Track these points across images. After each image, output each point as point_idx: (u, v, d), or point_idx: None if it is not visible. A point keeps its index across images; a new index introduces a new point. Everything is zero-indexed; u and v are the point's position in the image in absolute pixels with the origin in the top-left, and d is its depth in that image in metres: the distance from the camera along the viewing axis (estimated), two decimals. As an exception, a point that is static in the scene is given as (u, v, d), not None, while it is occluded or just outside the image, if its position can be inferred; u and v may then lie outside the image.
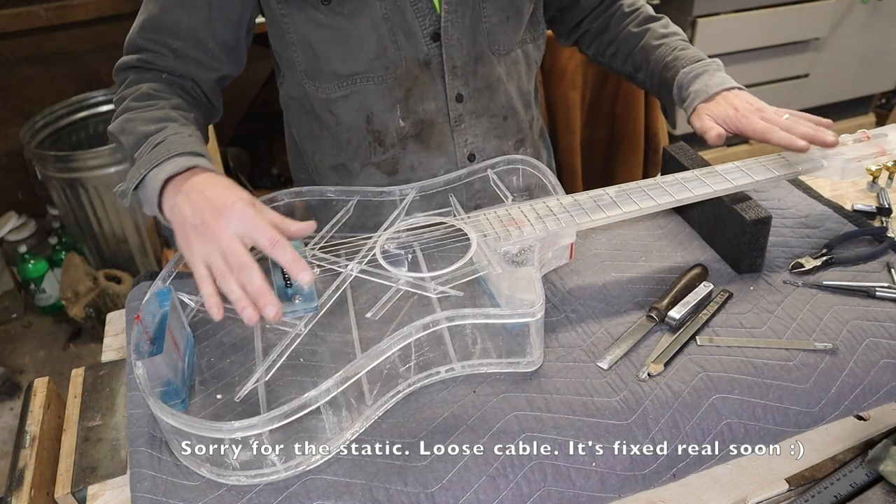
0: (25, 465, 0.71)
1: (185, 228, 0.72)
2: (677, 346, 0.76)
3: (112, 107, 2.61)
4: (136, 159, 0.81)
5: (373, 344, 0.67)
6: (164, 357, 0.67)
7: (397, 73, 0.92)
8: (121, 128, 0.85)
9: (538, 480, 0.65)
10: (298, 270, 0.67)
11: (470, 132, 0.99)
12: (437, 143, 0.98)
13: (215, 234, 0.70)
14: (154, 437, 0.69)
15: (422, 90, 0.94)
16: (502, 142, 1.03)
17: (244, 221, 0.70)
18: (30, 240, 2.44)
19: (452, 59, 0.93)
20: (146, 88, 0.87)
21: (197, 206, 0.72)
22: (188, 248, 0.72)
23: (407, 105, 0.95)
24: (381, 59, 0.91)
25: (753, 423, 0.70)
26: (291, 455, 0.65)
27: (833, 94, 2.75)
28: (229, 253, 0.69)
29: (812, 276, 0.85)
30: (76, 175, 2.18)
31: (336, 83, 0.93)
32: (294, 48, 0.92)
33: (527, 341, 0.72)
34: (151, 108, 0.86)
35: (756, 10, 2.38)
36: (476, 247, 0.80)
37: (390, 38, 0.90)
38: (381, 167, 1.00)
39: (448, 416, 0.69)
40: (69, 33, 2.45)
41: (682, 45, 1.00)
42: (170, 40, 0.88)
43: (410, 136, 0.97)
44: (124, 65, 0.91)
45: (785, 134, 0.86)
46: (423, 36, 0.90)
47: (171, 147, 0.78)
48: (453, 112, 0.96)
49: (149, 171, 0.77)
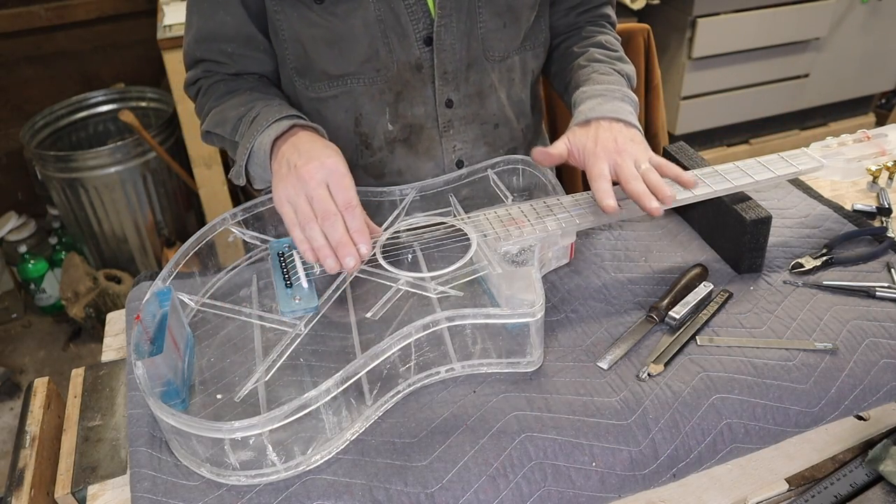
0: (25, 465, 0.71)
1: (281, 171, 0.78)
2: (677, 346, 0.76)
3: (112, 107, 2.60)
4: (237, 141, 0.87)
5: (373, 344, 0.67)
6: (164, 357, 0.67)
7: (388, 75, 0.91)
8: (214, 122, 0.92)
9: (538, 480, 0.65)
10: (360, 241, 0.73)
11: (459, 138, 0.98)
12: (425, 149, 0.97)
13: (304, 176, 0.75)
14: (154, 437, 0.69)
15: (412, 94, 0.93)
16: (492, 149, 1.01)
17: (333, 173, 0.75)
18: (30, 240, 2.44)
19: (444, 65, 0.92)
20: (222, 88, 0.93)
21: (296, 151, 0.78)
22: (277, 189, 0.77)
23: (396, 109, 0.94)
24: (373, 61, 0.90)
25: (753, 423, 0.70)
26: (291, 455, 0.65)
27: (833, 94, 2.75)
28: (315, 199, 0.73)
29: (812, 276, 0.85)
30: (76, 175, 2.18)
31: (326, 83, 0.93)
32: (285, 45, 0.92)
33: (527, 341, 0.72)
34: (234, 96, 0.92)
35: (756, 10, 2.38)
36: (476, 247, 0.80)
37: (382, 40, 0.89)
38: (369, 170, 0.99)
39: (448, 416, 0.69)
40: (69, 33, 2.45)
41: (606, 70, 0.95)
42: (223, 45, 0.92)
43: (398, 140, 0.96)
44: (191, 79, 0.96)
45: (606, 185, 0.79)
46: (416, 39, 0.89)
47: (268, 116, 0.84)
48: (442, 117, 0.95)
49: (255, 142, 0.83)
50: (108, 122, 2.47)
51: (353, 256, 0.72)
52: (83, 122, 2.45)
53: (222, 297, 0.84)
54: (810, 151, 0.91)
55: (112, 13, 2.46)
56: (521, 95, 1.02)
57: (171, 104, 2.21)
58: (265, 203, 0.87)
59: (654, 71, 1.39)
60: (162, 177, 2.32)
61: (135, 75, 2.60)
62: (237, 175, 0.87)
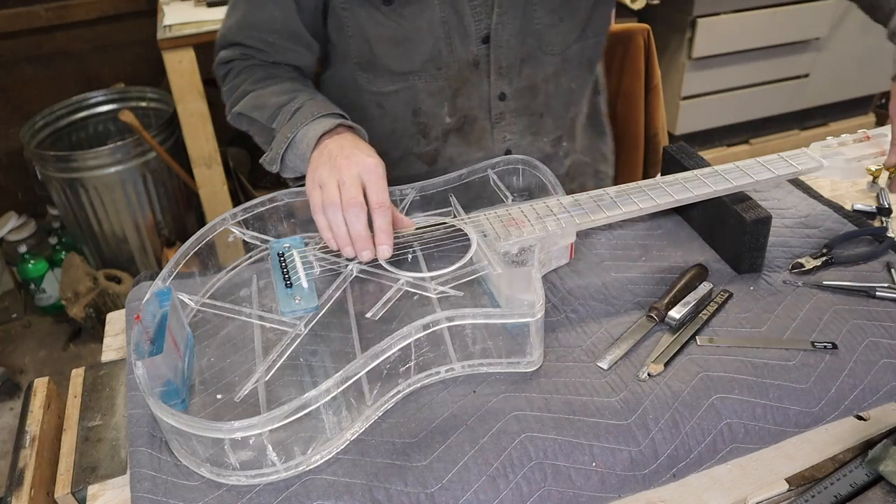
0: (25, 465, 0.71)
1: (320, 159, 0.80)
2: (677, 346, 0.76)
3: (112, 107, 2.60)
4: (274, 129, 0.89)
5: (373, 344, 0.67)
6: (164, 357, 0.67)
7: (449, 73, 0.95)
8: (251, 105, 0.92)
9: (538, 480, 0.65)
10: (382, 241, 0.75)
11: (508, 129, 1.01)
12: (476, 138, 1.01)
13: (340, 167, 0.77)
14: (154, 437, 0.69)
15: (469, 89, 0.97)
16: (537, 138, 1.04)
17: (370, 173, 0.76)
18: (30, 240, 2.44)
19: (499, 61, 0.95)
20: (261, 73, 0.94)
21: (339, 148, 0.80)
22: (310, 174, 0.79)
23: (454, 103, 0.98)
24: (435, 60, 0.94)
25: (753, 423, 0.70)
26: (291, 455, 0.65)
27: (833, 94, 2.75)
28: (346, 184, 0.75)
29: (812, 276, 0.85)
30: (76, 175, 2.18)
31: (389, 79, 0.96)
32: (350, 41, 0.95)
33: (527, 341, 0.72)
34: (274, 82, 0.93)
35: (756, 10, 2.38)
36: (476, 247, 0.80)
37: (445, 40, 0.92)
38: (422, 157, 1.03)
39: (448, 416, 0.69)
40: (69, 33, 2.45)
41: None
42: (265, 35, 0.94)
43: (453, 130, 1.00)
44: (225, 59, 0.97)
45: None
46: (475, 38, 0.92)
47: (312, 110, 0.85)
48: (495, 109, 0.99)
49: (297, 132, 0.85)
50: (108, 122, 2.47)
51: (371, 251, 0.74)
52: (83, 122, 2.45)
53: (222, 297, 0.84)
54: (810, 151, 0.91)
55: (112, 13, 2.46)
56: (573, 85, 1.04)
57: (171, 104, 2.20)
58: (265, 203, 0.87)
59: (654, 71, 1.39)
60: (162, 177, 2.32)
61: (135, 75, 2.60)
62: (272, 161, 0.89)
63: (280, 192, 0.89)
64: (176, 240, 2.42)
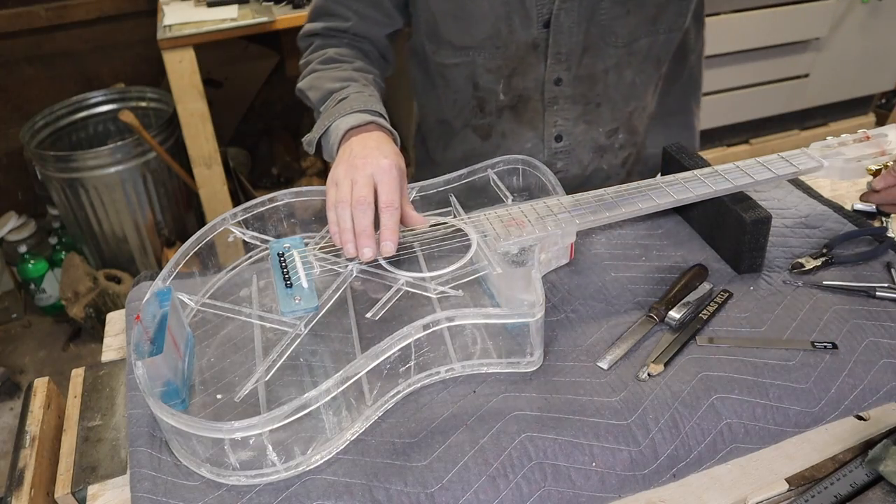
0: (25, 465, 0.71)
1: (343, 156, 0.83)
2: (677, 346, 0.76)
3: (112, 107, 2.61)
4: (321, 112, 0.93)
5: (373, 344, 0.67)
6: (164, 357, 0.67)
7: (506, 53, 0.98)
8: (309, 84, 0.98)
9: (538, 480, 0.65)
10: (386, 239, 0.76)
11: (561, 115, 1.03)
12: (528, 119, 1.04)
13: (356, 166, 0.79)
14: (154, 437, 0.69)
15: (525, 69, 0.99)
16: (591, 128, 1.05)
17: (383, 174, 0.78)
18: (30, 240, 2.44)
19: (558, 45, 0.96)
20: (331, 53, 1.00)
21: (362, 145, 0.83)
22: (332, 171, 0.82)
23: (510, 82, 1.01)
24: (494, 39, 0.97)
25: (753, 423, 0.70)
26: (291, 455, 0.65)
27: (833, 94, 2.75)
28: (358, 183, 0.77)
29: (812, 276, 0.85)
30: (76, 175, 2.18)
31: (450, 51, 1.00)
32: (420, 12, 1.00)
33: (527, 341, 0.72)
34: (337, 68, 0.98)
35: (756, 10, 2.38)
36: (476, 247, 0.80)
37: (505, 20, 0.94)
38: (478, 130, 1.07)
39: (448, 416, 0.69)
40: (69, 33, 2.45)
41: None
42: (352, 3, 1.00)
43: (507, 107, 1.03)
44: (310, 31, 1.03)
45: None
46: (536, 21, 0.94)
47: (353, 104, 0.89)
48: (548, 93, 1.01)
49: (333, 122, 0.89)
50: (108, 122, 2.47)
51: (372, 249, 0.76)
52: (83, 122, 2.45)
53: (222, 297, 0.84)
54: (810, 151, 0.91)
55: (112, 13, 2.46)
56: (637, 79, 1.04)
57: (171, 104, 2.20)
58: (265, 203, 0.87)
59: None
60: (162, 177, 2.32)
61: (135, 75, 2.60)
62: (309, 143, 0.93)
63: (280, 192, 0.89)
64: (176, 240, 2.42)
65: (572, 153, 1.08)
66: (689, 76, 1.15)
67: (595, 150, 1.07)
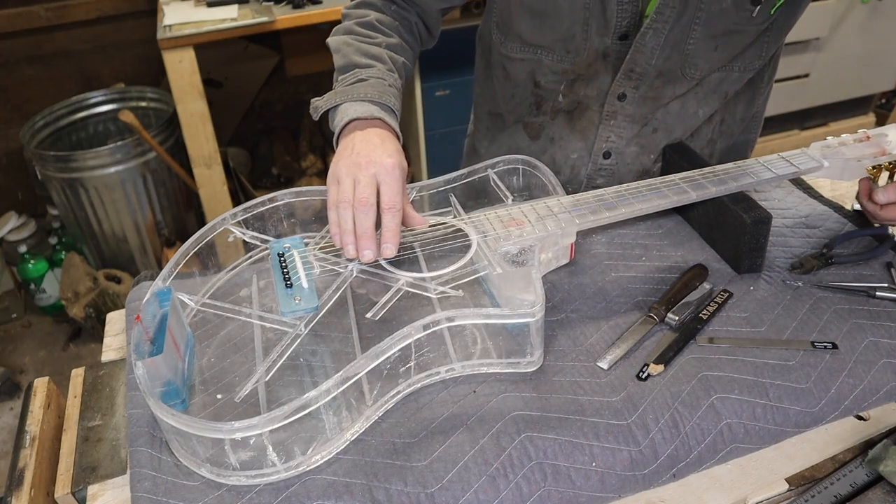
0: (25, 465, 0.71)
1: (343, 153, 0.81)
2: (677, 347, 0.76)
3: (112, 107, 2.60)
4: (338, 81, 0.91)
5: (373, 344, 0.67)
6: (164, 357, 0.67)
7: (576, 59, 0.95)
8: (337, 46, 0.94)
9: (538, 480, 0.65)
10: (387, 240, 0.76)
11: (615, 131, 1.00)
12: (581, 127, 1.01)
13: (360, 165, 0.78)
14: (154, 437, 0.69)
15: (590, 77, 0.97)
16: (642, 152, 1.02)
17: (387, 175, 0.77)
18: (30, 240, 2.44)
19: (634, 62, 0.93)
20: (373, 18, 0.95)
21: (366, 140, 0.81)
22: (333, 166, 0.81)
23: (572, 86, 0.99)
24: (566, 42, 0.94)
25: (753, 423, 0.70)
26: (291, 455, 0.65)
27: (833, 94, 2.75)
28: (360, 183, 0.76)
29: (812, 276, 0.85)
30: (76, 175, 2.18)
31: (519, 46, 0.98)
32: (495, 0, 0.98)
33: (527, 341, 0.72)
34: (370, 39, 0.94)
35: (756, 10, 2.38)
36: (476, 247, 0.80)
37: (582, 25, 0.92)
38: (528, 128, 1.05)
39: (448, 416, 0.69)
40: (69, 33, 2.45)
41: None
42: None
43: (563, 110, 1.01)
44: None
45: None
46: (613, 33, 0.92)
47: (369, 90, 0.86)
48: (609, 106, 0.98)
49: (343, 102, 0.86)
50: (108, 122, 2.47)
51: (373, 251, 0.75)
52: (83, 122, 2.45)
53: (222, 297, 0.84)
54: (810, 151, 0.91)
55: (112, 13, 2.46)
56: (698, 111, 1.00)
57: (171, 104, 2.21)
58: (265, 203, 0.87)
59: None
60: (162, 177, 2.32)
61: (135, 75, 2.60)
62: (315, 110, 0.90)
63: (280, 192, 0.89)
64: (176, 240, 2.42)
65: (616, 173, 1.04)
66: (753, 117, 1.11)
67: (639, 174, 1.04)
